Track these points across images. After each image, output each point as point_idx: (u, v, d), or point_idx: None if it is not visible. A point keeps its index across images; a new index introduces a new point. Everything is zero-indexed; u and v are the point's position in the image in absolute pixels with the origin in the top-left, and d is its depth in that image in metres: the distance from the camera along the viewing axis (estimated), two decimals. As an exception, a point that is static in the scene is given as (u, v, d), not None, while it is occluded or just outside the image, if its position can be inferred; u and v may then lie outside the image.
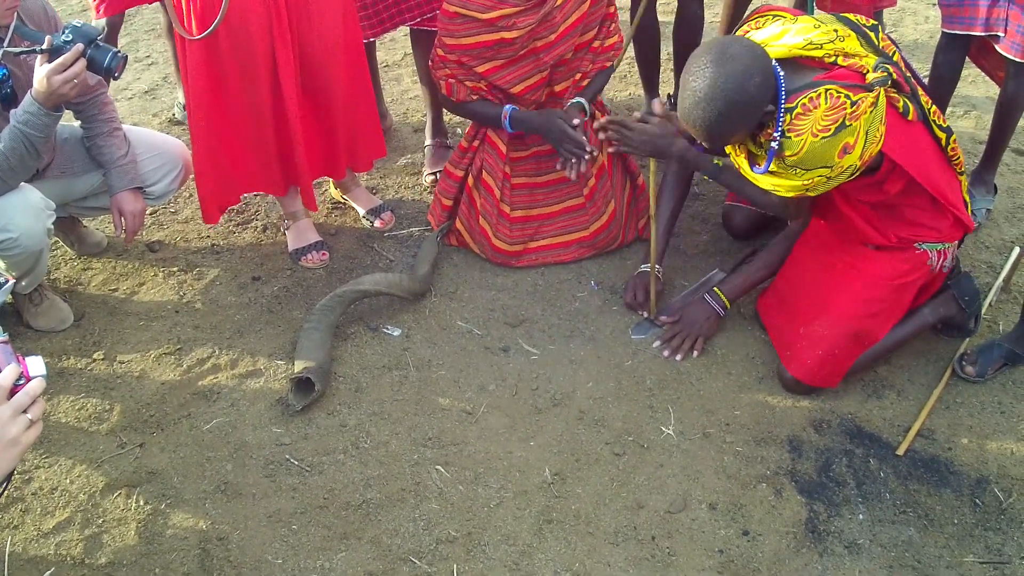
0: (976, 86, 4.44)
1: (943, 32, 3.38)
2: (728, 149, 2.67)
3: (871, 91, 2.35)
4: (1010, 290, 3.22)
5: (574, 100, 3.20)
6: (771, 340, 3.00)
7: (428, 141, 4.02)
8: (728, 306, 3.07)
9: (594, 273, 3.38)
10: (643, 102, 4.27)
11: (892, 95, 2.48)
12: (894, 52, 2.60)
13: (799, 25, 2.47)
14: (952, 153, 2.70)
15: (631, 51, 4.21)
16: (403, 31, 5.12)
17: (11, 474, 1.64)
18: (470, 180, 3.42)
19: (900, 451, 2.69)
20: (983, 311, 3.10)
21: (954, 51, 3.43)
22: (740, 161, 2.62)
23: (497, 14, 3.05)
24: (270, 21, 2.95)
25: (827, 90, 2.32)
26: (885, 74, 2.38)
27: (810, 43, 2.41)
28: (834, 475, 2.63)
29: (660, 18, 4.00)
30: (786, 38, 2.45)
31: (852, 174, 2.46)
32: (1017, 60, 3.15)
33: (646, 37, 3.99)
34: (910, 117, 2.53)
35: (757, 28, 2.57)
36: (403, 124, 4.40)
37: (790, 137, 2.36)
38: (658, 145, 2.84)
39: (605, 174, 3.39)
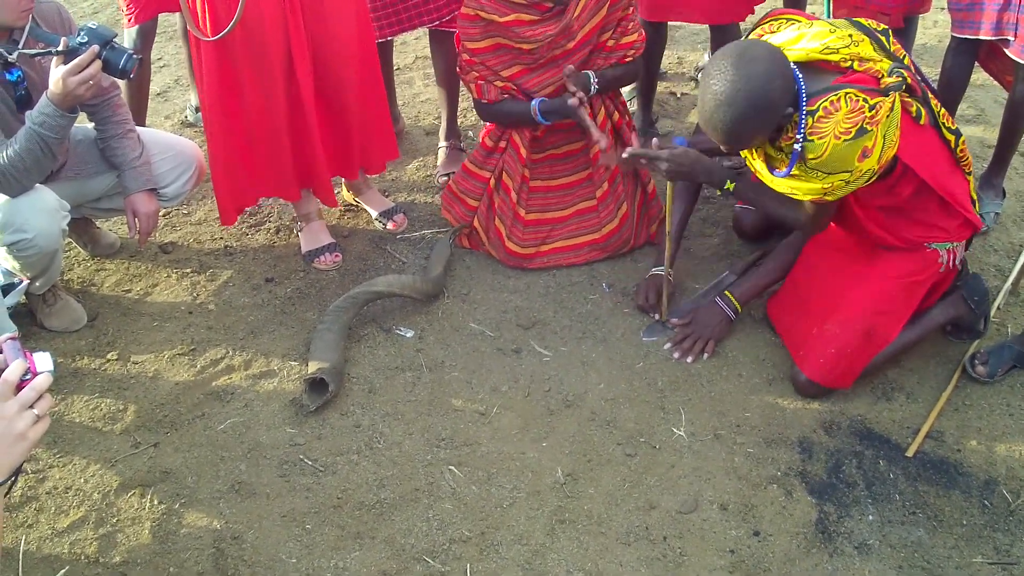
0: (985, 90, 4.44)
1: (952, 36, 3.39)
2: (744, 154, 2.68)
3: (887, 96, 2.38)
4: (1019, 293, 3.23)
5: (583, 72, 3.18)
6: (784, 342, 3.01)
7: (442, 142, 4.04)
8: (739, 310, 3.08)
9: (606, 276, 3.40)
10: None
11: (906, 100, 2.51)
12: (904, 56, 2.62)
13: (815, 29, 2.49)
14: (961, 155, 2.72)
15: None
16: (414, 34, 5.16)
17: (19, 469, 1.64)
18: (491, 181, 3.44)
19: (909, 453, 2.70)
20: (992, 314, 3.11)
21: (963, 55, 3.44)
22: (758, 165, 2.63)
23: (513, 17, 3.07)
24: (285, 21, 2.97)
25: (847, 93, 2.34)
26: (900, 79, 2.41)
27: (827, 47, 2.43)
28: (844, 476, 2.64)
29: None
30: (803, 43, 2.46)
31: (869, 178, 2.48)
32: (1027, 64, 3.16)
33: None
34: (922, 122, 2.56)
35: (772, 32, 2.60)
36: (415, 127, 4.41)
37: (812, 140, 2.38)
38: (684, 168, 2.80)
39: (618, 178, 3.40)
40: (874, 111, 2.34)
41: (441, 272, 3.32)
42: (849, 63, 2.43)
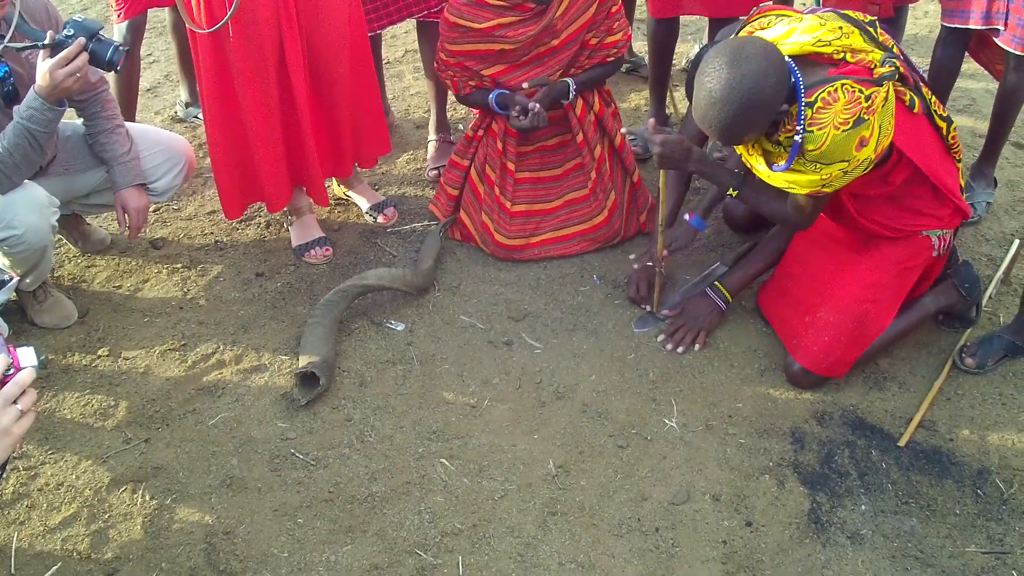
0: (975, 80, 4.44)
1: (943, 26, 3.39)
2: (740, 150, 2.67)
3: (881, 86, 2.38)
4: (1010, 282, 3.24)
5: (562, 80, 3.23)
6: (776, 332, 3.01)
7: (432, 136, 4.03)
8: (730, 300, 3.08)
9: (596, 267, 3.40)
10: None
11: (899, 88, 2.52)
12: (893, 46, 2.61)
13: (805, 23, 2.48)
14: (952, 142, 2.74)
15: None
16: (404, 28, 5.16)
17: (5, 465, 1.64)
18: (473, 171, 3.44)
19: (902, 442, 2.70)
20: (984, 303, 3.11)
21: (953, 45, 3.44)
22: (755, 161, 2.61)
23: (494, 23, 3.08)
24: (278, 12, 2.95)
25: (843, 84, 2.34)
26: (892, 68, 2.41)
27: (819, 40, 2.42)
28: (836, 466, 2.64)
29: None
30: (795, 36, 2.45)
31: (867, 168, 2.47)
32: (1017, 53, 3.16)
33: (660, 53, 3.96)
34: (915, 110, 2.58)
35: (763, 28, 2.58)
36: (405, 120, 4.41)
37: (812, 131, 2.37)
38: (675, 159, 2.77)
39: (604, 167, 3.40)
40: (870, 101, 2.34)
41: (431, 265, 3.32)
42: (842, 55, 2.43)
